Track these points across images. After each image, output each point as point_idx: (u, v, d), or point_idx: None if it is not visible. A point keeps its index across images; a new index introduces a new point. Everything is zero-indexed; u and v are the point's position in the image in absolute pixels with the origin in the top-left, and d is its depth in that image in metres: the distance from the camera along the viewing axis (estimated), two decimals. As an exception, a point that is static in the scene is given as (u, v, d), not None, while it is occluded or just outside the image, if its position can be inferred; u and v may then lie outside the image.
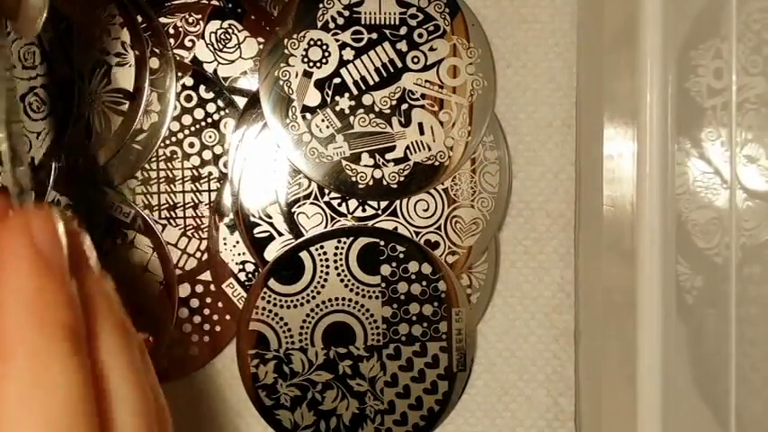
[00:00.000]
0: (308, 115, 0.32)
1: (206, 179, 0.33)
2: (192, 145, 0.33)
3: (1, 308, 0.18)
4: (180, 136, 0.33)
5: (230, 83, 0.33)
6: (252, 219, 0.32)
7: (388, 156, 0.32)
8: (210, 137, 0.33)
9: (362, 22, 0.33)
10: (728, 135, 0.26)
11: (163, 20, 0.32)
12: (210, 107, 0.33)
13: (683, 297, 0.26)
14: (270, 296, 0.32)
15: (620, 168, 0.26)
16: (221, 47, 0.33)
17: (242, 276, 0.33)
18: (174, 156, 0.33)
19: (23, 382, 0.17)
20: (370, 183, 0.32)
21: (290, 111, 0.32)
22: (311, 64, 0.32)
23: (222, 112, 0.33)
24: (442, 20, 0.33)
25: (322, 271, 0.32)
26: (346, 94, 0.32)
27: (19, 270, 0.18)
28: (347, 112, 0.32)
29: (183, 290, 0.33)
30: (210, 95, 0.33)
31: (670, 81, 0.24)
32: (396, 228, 0.33)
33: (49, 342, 0.18)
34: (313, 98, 0.32)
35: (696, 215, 0.26)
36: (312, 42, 0.32)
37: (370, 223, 0.33)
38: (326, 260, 0.32)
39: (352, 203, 0.33)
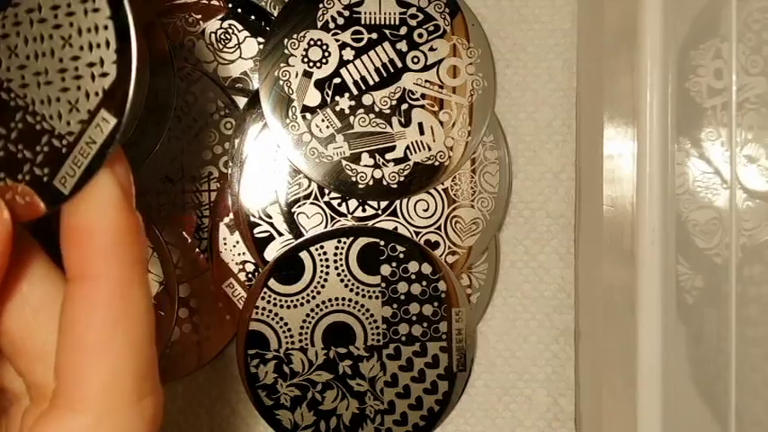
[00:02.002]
0: (308, 115, 0.32)
1: (206, 179, 0.33)
2: (192, 145, 0.33)
3: (94, 236, 0.20)
4: (180, 136, 0.33)
5: (230, 83, 0.33)
6: (252, 219, 0.32)
7: (388, 156, 0.32)
8: (210, 137, 0.33)
9: (362, 22, 0.33)
10: (728, 135, 0.26)
11: (163, 20, 0.32)
12: (210, 107, 0.33)
13: (683, 297, 0.26)
14: (270, 296, 0.32)
15: (620, 168, 0.26)
16: (221, 47, 0.33)
17: (242, 276, 0.33)
18: (174, 156, 0.33)
19: (111, 303, 0.19)
20: (370, 183, 0.32)
21: (290, 111, 0.32)
22: (311, 64, 0.32)
23: (222, 112, 0.33)
24: (441, 20, 0.33)
25: (322, 271, 0.32)
26: (346, 94, 0.32)
27: (109, 205, 0.20)
28: (347, 112, 0.32)
29: (183, 290, 0.33)
30: (210, 95, 0.33)
31: (670, 81, 0.24)
32: (396, 228, 0.33)
33: (134, 275, 0.20)
34: (313, 98, 0.32)
35: (696, 215, 0.26)
36: (312, 42, 0.32)
37: (370, 223, 0.33)
38: (326, 260, 0.32)
39: (352, 203, 0.33)
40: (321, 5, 0.32)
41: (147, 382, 0.20)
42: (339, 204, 0.33)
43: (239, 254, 0.33)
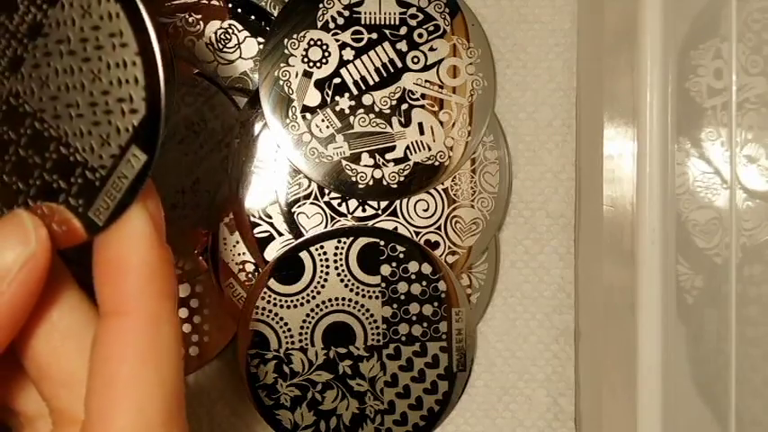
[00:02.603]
0: (308, 115, 0.32)
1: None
2: (192, 145, 0.33)
3: (127, 271, 0.20)
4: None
5: (230, 83, 0.33)
6: (252, 219, 0.32)
7: (388, 156, 0.32)
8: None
9: (362, 22, 0.33)
10: (728, 135, 0.26)
11: (163, 20, 0.32)
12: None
13: (683, 297, 0.26)
14: (270, 296, 0.32)
15: (620, 168, 0.27)
16: (221, 47, 0.33)
17: (242, 276, 0.33)
18: (174, 156, 0.33)
19: (142, 339, 0.20)
20: (370, 183, 0.32)
21: (290, 111, 0.32)
22: (311, 64, 0.32)
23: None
24: (441, 20, 0.33)
25: (322, 271, 0.32)
26: (346, 94, 0.32)
27: (142, 242, 0.20)
28: (347, 112, 0.32)
29: (184, 290, 0.33)
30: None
31: (670, 81, 0.24)
32: (396, 228, 0.33)
33: (164, 310, 0.20)
34: (313, 98, 0.32)
35: (696, 215, 0.26)
36: (312, 42, 0.32)
37: (370, 223, 0.33)
38: (326, 260, 0.32)
39: (352, 203, 0.33)
40: (321, 5, 0.32)
41: (174, 418, 0.20)
42: (339, 204, 0.33)
43: (239, 254, 0.33)
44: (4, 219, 0.21)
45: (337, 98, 0.32)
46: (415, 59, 0.33)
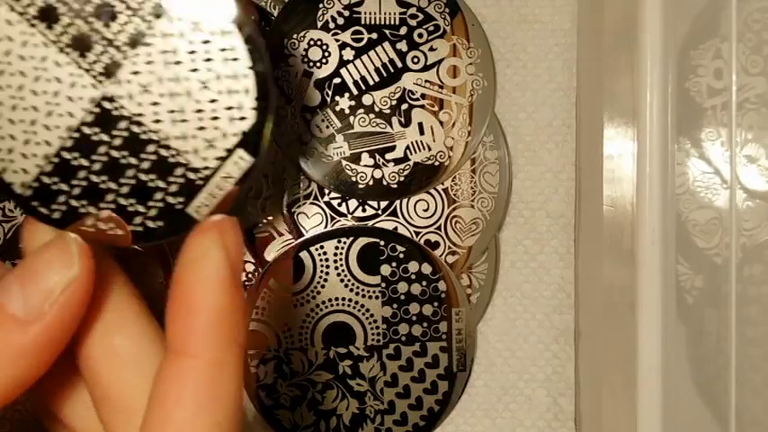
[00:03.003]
0: (308, 115, 0.32)
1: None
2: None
3: (197, 312, 0.20)
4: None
5: (230, 83, 0.33)
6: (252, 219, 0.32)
7: (388, 156, 0.32)
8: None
9: (362, 22, 0.33)
10: (728, 135, 0.26)
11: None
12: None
13: (683, 297, 0.26)
14: (270, 296, 0.32)
15: (620, 168, 0.26)
16: (221, 47, 0.33)
17: (242, 276, 0.33)
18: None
19: (202, 384, 0.19)
20: (370, 183, 0.32)
21: (291, 111, 0.32)
22: (311, 64, 0.32)
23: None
24: (441, 20, 0.33)
25: (322, 271, 0.32)
26: (346, 94, 0.32)
27: (216, 284, 0.20)
28: (347, 112, 0.32)
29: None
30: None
31: (670, 81, 0.24)
32: (396, 228, 0.33)
33: (229, 356, 0.20)
34: (313, 98, 0.32)
35: (696, 215, 0.26)
36: (312, 42, 0.32)
37: (370, 223, 0.33)
38: (326, 260, 0.32)
39: (352, 203, 0.33)
40: (321, 5, 0.32)
41: None
42: (339, 204, 0.33)
43: (239, 254, 0.33)
44: (50, 242, 0.21)
45: (337, 98, 0.32)
46: (415, 59, 0.33)
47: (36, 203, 0.21)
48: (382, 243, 0.32)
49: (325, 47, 0.32)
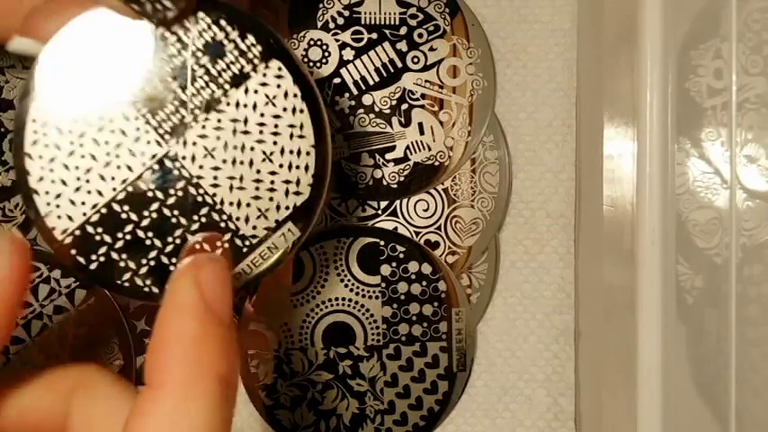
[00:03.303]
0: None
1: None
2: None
3: (164, 344, 0.19)
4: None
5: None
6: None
7: (388, 156, 0.32)
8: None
9: (362, 22, 0.33)
10: (728, 135, 0.26)
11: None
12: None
13: (683, 297, 0.26)
14: (270, 296, 0.32)
15: (620, 168, 0.26)
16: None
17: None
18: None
19: (166, 415, 0.18)
20: (370, 183, 0.32)
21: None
22: (311, 64, 0.32)
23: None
24: (441, 20, 0.33)
25: (322, 271, 0.32)
26: (346, 94, 0.32)
27: (182, 312, 0.19)
28: (347, 112, 0.32)
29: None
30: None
31: (670, 81, 0.24)
32: (396, 228, 0.33)
33: (199, 387, 0.19)
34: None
35: (696, 215, 0.26)
36: (312, 42, 0.32)
37: (370, 223, 0.33)
38: (326, 260, 0.32)
39: (352, 203, 0.33)
40: (321, 5, 0.32)
41: None
42: (339, 204, 0.33)
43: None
44: None
45: (337, 98, 0.32)
46: (415, 59, 0.33)
47: (75, 251, 0.21)
48: (382, 243, 0.32)
49: (325, 47, 0.32)
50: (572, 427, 0.33)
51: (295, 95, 0.22)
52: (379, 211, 0.33)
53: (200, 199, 0.22)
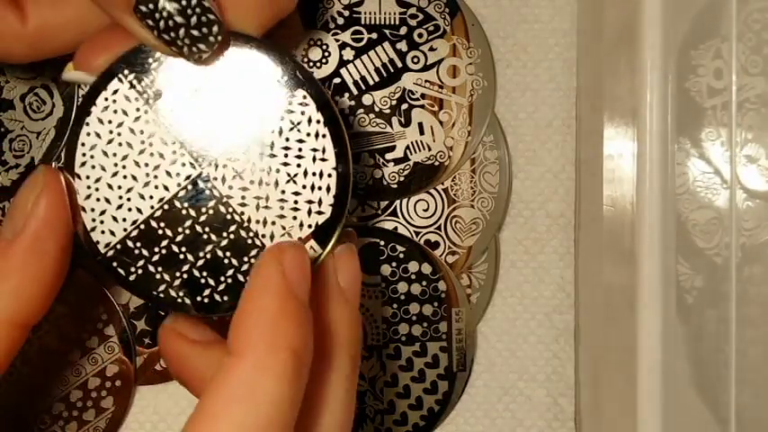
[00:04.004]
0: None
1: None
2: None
3: (247, 317, 0.21)
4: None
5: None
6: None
7: (388, 156, 0.32)
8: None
9: (362, 22, 0.33)
10: (728, 135, 0.26)
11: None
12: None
13: (683, 297, 0.26)
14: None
15: (620, 168, 0.27)
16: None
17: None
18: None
19: (240, 384, 0.20)
20: (370, 183, 0.32)
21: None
22: (311, 64, 0.32)
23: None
24: (441, 20, 0.33)
25: (322, 271, 0.32)
26: (346, 94, 0.32)
27: (266, 290, 0.21)
28: (347, 112, 0.32)
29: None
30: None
31: (670, 81, 0.24)
32: (396, 228, 0.33)
33: (274, 360, 0.20)
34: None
35: (696, 215, 0.26)
36: (312, 42, 0.32)
37: (369, 223, 0.33)
38: (326, 260, 0.32)
39: (353, 203, 0.33)
40: (321, 5, 0.32)
41: None
42: (339, 204, 0.33)
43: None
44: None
45: (337, 98, 0.32)
46: (415, 59, 0.33)
47: (116, 264, 0.23)
48: (382, 243, 0.32)
49: (324, 47, 0.32)
50: (572, 427, 0.33)
51: (318, 121, 0.23)
52: (379, 211, 0.33)
53: (229, 217, 0.23)
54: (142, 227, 0.23)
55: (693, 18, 0.27)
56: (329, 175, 0.23)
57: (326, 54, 0.32)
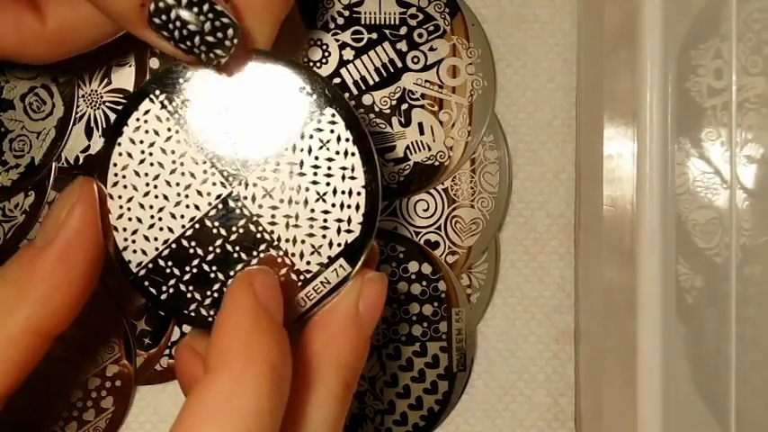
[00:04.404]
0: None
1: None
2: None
3: (222, 335, 0.21)
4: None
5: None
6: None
7: (388, 156, 0.32)
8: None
9: (362, 22, 0.33)
10: (728, 135, 0.26)
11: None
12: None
13: (683, 297, 0.26)
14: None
15: (620, 168, 0.27)
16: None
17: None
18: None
19: (218, 398, 0.20)
20: (370, 183, 0.32)
21: (290, 111, 0.32)
22: (311, 64, 0.32)
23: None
24: (441, 20, 0.33)
25: (322, 271, 0.32)
26: (346, 95, 0.32)
27: (239, 308, 0.21)
28: (347, 112, 0.32)
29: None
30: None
31: (670, 81, 0.24)
32: (395, 228, 0.33)
33: (250, 372, 0.20)
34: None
35: (696, 215, 0.26)
36: (312, 42, 0.32)
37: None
38: (326, 260, 0.32)
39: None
40: (321, 5, 0.32)
41: None
42: (339, 204, 0.33)
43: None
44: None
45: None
46: (415, 59, 0.33)
47: (147, 283, 0.24)
48: (382, 243, 0.32)
49: (325, 47, 0.32)
50: (572, 427, 0.33)
51: (347, 140, 0.23)
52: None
53: (259, 236, 0.24)
54: (173, 246, 0.24)
55: (693, 18, 0.27)
56: (358, 194, 0.24)
57: (326, 54, 0.32)
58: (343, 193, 0.24)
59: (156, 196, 0.24)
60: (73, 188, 0.23)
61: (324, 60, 0.32)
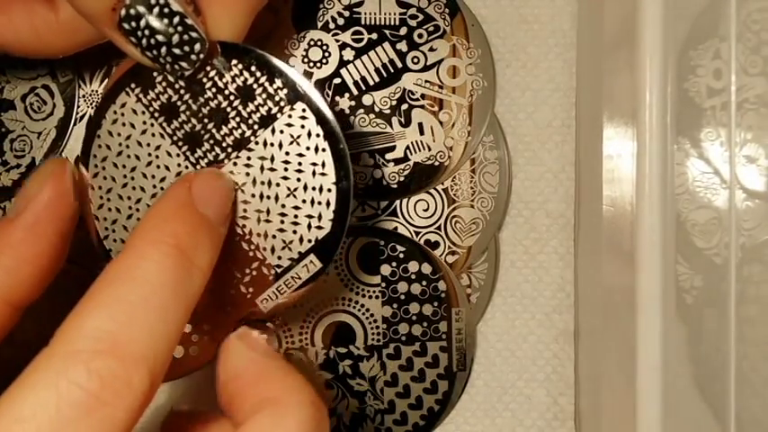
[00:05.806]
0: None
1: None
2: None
3: (146, 218, 0.21)
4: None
5: (230, 83, 0.33)
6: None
7: (388, 156, 0.32)
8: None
9: (362, 23, 0.33)
10: (728, 135, 0.26)
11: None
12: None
13: (682, 297, 0.26)
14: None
15: (619, 168, 0.27)
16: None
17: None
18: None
19: (119, 268, 0.20)
20: (370, 183, 0.32)
21: (291, 111, 0.32)
22: (311, 64, 0.32)
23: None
24: (441, 20, 0.33)
25: (322, 271, 0.32)
26: (346, 95, 0.32)
27: (166, 198, 0.22)
28: (347, 112, 0.32)
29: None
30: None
31: (670, 81, 0.24)
32: (396, 228, 0.33)
33: (155, 250, 0.20)
34: (313, 98, 0.32)
35: (696, 215, 0.26)
36: (312, 43, 0.32)
37: (369, 223, 0.33)
38: (327, 260, 0.32)
39: (353, 203, 0.33)
40: (321, 5, 0.32)
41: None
42: (339, 204, 0.33)
43: (239, 254, 0.33)
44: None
45: (337, 98, 0.32)
46: (415, 60, 0.33)
47: None
48: (382, 243, 0.32)
49: (325, 47, 0.32)
50: (572, 427, 0.33)
51: (318, 135, 0.23)
52: (379, 211, 0.33)
53: (230, 231, 0.23)
54: None
55: (693, 18, 0.27)
56: (329, 190, 0.24)
57: (327, 54, 0.32)
58: (313, 189, 0.24)
59: (134, 188, 0.24)
60: (45, 166, 0.23)
61: (324, 61, 0.32)
